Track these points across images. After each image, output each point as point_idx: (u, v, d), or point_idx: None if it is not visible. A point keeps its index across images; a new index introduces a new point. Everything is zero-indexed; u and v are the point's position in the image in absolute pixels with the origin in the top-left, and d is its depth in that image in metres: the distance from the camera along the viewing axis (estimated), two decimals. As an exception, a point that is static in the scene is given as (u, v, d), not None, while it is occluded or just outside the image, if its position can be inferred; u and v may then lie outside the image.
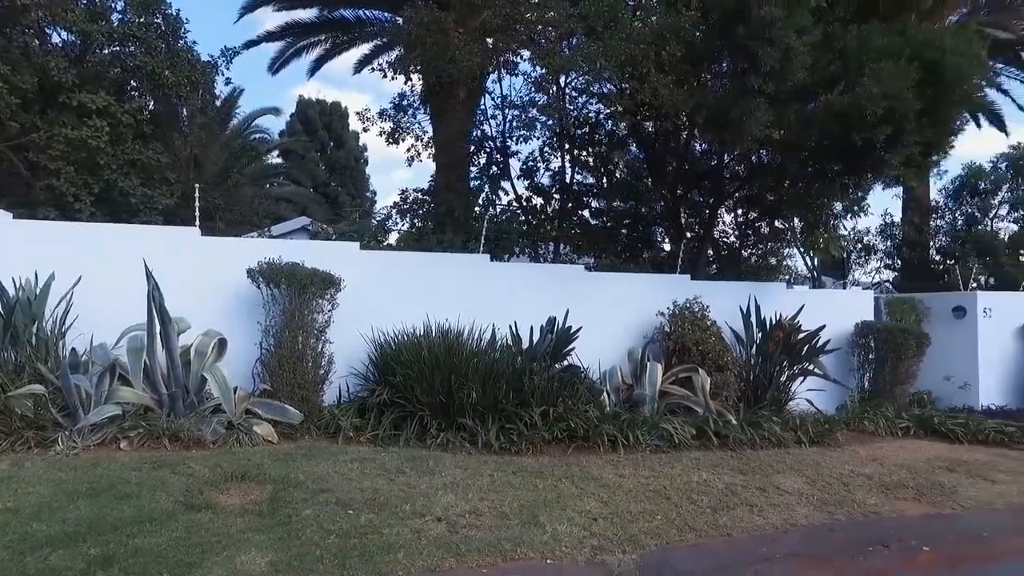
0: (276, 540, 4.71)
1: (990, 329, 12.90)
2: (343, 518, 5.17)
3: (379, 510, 5.41)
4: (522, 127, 10.61)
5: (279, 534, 4.81)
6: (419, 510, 5.44)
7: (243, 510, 5.19)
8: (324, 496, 5.56)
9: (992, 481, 7.90)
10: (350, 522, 5.11)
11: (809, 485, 7.00)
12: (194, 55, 10.17)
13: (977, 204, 17.44)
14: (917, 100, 8.29)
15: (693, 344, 9.23)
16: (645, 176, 13.17)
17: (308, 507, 5.30)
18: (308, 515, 5.14)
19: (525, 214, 12.58)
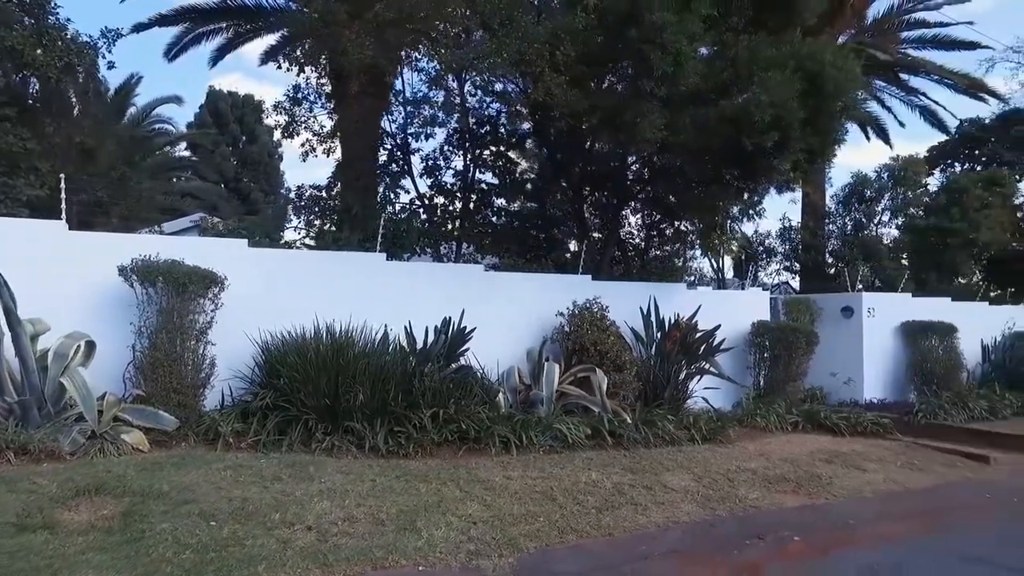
0: (121, 559, 4.33)
1: (874, 327, 13.67)
2: (204, 530, 4.84)
3: (246, 520, 5.09)
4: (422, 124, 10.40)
5: (126, 552, 4.43)
6: (290, 519, 5.16)
7: (90, 527, 4.76)
8: (187, 508, 5.19)
9: (864, 470, 8.34)
10: (211, 534, 4.78)
11: (696, 482, 7.14)
12: (68, 34, 9.40)
13: (863, 211, 18.59)
14: (801, 109, 8.67)
15: (591, 344, 9.30)
16: (549, 176, 13.22)
17: (166, 520, 4.92)
18: (164, 529, 4.77)
19: (427, 213, 12.38)
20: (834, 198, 19.25)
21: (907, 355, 13.75)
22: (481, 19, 8.15)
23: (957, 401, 12.63)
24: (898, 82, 20.85)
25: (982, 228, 17.20)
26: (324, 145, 11.63)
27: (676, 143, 9.37)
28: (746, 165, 9.09)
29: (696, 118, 9.20)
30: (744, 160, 8.96)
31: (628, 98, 8.47)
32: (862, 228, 18.45)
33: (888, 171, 18.97)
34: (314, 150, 11.70)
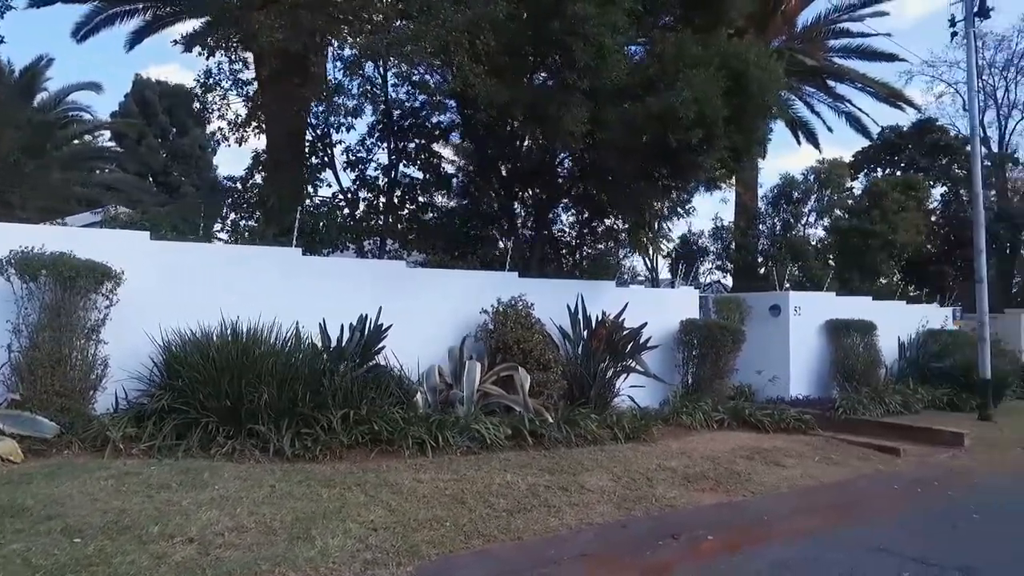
0: (-44, 585, 3.86)
1: (800, 326, 13.96)
2: (65, 548, 4.38)
3: (118, 535, 4.65)
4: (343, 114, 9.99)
5: (-39, 578, 3.95)
6: (170, 531, 4.75)
7: (-73, 551, 4.24)
8: (50, 524, 4.70)
9: (783, 466, 8.41)
10: (72, 553, 4.33)
11: (614, 482, 7.02)
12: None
13: (791, 211, 19.10)
14: (725, 107, 8.70)
15: (515, 342, 9.10)
16: (478, 172, 12.97)
17: (20, 539, 4.43)
18: (16, 550, 4.29)
19: (349, 207, 11.92)
20: (764, 199, 19.75)
21: (831, 352, 14.10)
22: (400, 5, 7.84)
23: (874, 396, 13.04)
24: (826, 89, 21.55)
25: (899, 230, 17.90)
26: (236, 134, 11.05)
27: (604, 139, 9.28)
28: (673, 162, 9.07)
29: (623, 114, 9.13)
30: (670, 157, 8.93)
31: (551, 91, 8.32)
32: (790, 228, 18.95)
33: (814, 173, 19.56)
34: (226, 139, 11.15)
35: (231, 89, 10.35)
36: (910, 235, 18.17)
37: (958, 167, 22.06)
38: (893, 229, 17.70)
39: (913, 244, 18.72)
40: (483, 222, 12.97)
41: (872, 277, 18.64)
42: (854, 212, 19.09)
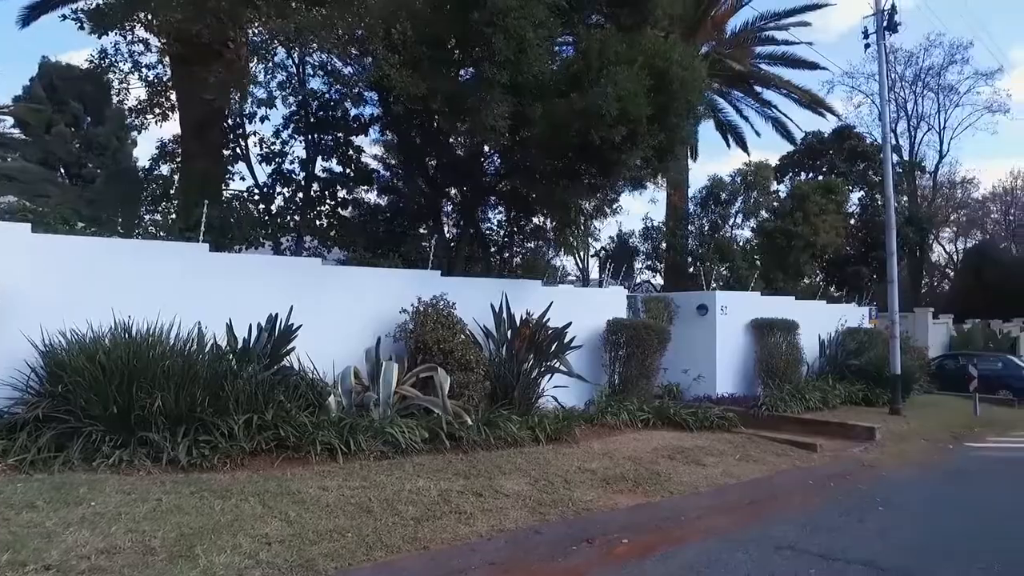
0: None
1: (726, 325, 14.18)
2: None
3: (-42, 565, 4.14)
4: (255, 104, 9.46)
5: None
6: (24, 558, 4.26)
7: None
8: None
9: (703, 465, 8.44)
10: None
11: (531, 486, 6.84)
12: None
13: (719, 212, 19.54)
14: (649, 105, 8.67)
15: (434, 343, 8.82)
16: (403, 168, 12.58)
17: None
18: None
19: (264, 202, 11.34)
20: (693, 200, 20.10)
21: (756, 351, 14.38)
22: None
23: (796, 393, 13.39)
24: (754, 94, 22.14)
25: (820, 232, 18.53)
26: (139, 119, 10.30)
27: (528, 136, 9.10)
28: (597, 160, 8.99)
29: (548, 111, 8.97)
30: (595, 155, 8.84)
31: (471, 84, 8.07)
32: (718, 229, 19.37)
33: (741, 176, 20.06)
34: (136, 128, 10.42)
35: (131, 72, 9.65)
36: (830, 237, 18.85)
37: (874, 173, 23.08)
38: (814, 231, 18.31)
39: (833, 245, 19.43)
40: (408, 219, 12.60)
41: (796, 277, 19.23)
42: (778, 214, 19.67)
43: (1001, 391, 18.56)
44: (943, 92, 34.00)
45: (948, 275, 40.84)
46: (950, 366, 20.01)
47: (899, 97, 34.19)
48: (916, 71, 33.64)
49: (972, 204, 39.66)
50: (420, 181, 12.13)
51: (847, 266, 21.95)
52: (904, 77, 33.95)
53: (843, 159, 23.09)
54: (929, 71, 33.59)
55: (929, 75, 33.66)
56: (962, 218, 39.37)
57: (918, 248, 28.59)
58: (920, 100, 34.19)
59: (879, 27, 14.39)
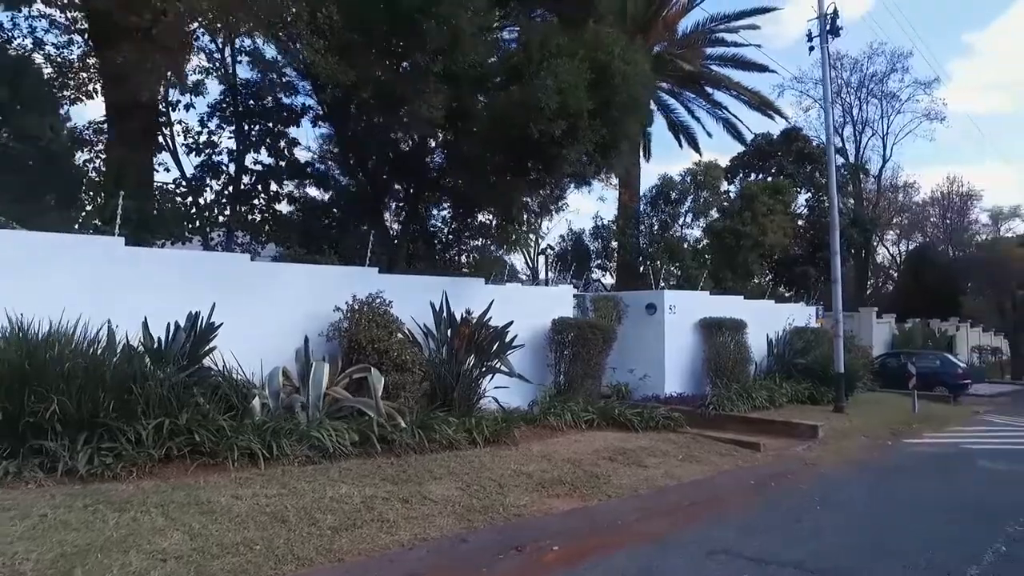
0: None
1: (675, 324, 14.12)
2: None
3: None
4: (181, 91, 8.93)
5: None
6: None
7: None
8: None
9: (645, 466, 8.28)
10: None
11: (462, 491, 6.55)
12: None
13: (669, 212, 19.61)
14: (590, 99, 8.48)
15: (368, 342, 8.47)
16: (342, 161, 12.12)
17: None
18: None
19: (191, 195, 10.76)
20: (644, 198, 20.12)
21: (704, 350, 14.34)
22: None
23: (743, 392, 13.40)
24: (705, 95, 22.32)
25: (768, 231, 18.74)
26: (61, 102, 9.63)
27: (468, 129, 8.81)
28: (538, 154, 8.76)
29: (488, 104, 8.71)
30: (536, 149, 8.60)
31: (404, 73, 7.74)
32: (668, 228, 19.42)
33: (691, 175, 20.16)
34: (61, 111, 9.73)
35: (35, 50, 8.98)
36: (777, 237, 19.08)
37: (820, 175, 23.53)
38: (762, 230, 18.50)
39: (780, 245, 19.69)
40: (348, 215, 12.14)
41: (745, 277, 19.42)
42: (728, 213, 19.83)
43: (938, 388, 19.11)
44: (886, 99, 35.12)
45: (892, 276, 42.13)
46: (892, 364, 20.49)
47: (845, 103, 35.17)
48: (860, 78, 34.65)
49: (914, 208, 41.02)
50: (361, 176, 11.69)
51: (795, 266, 22.31)
52: (850, 83, 34.94)
53: (791, 161, 23.51)
54: (872, 78, 34.64)
55: (873, 82, 34.73)
56: (904, 221, 40.66)
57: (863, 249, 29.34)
58: (865, 106, 35.26)
59: (822, 31, 14.60)
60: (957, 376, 20.17)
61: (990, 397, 21.15)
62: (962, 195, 41.41)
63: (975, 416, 16.37)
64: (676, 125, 23.62)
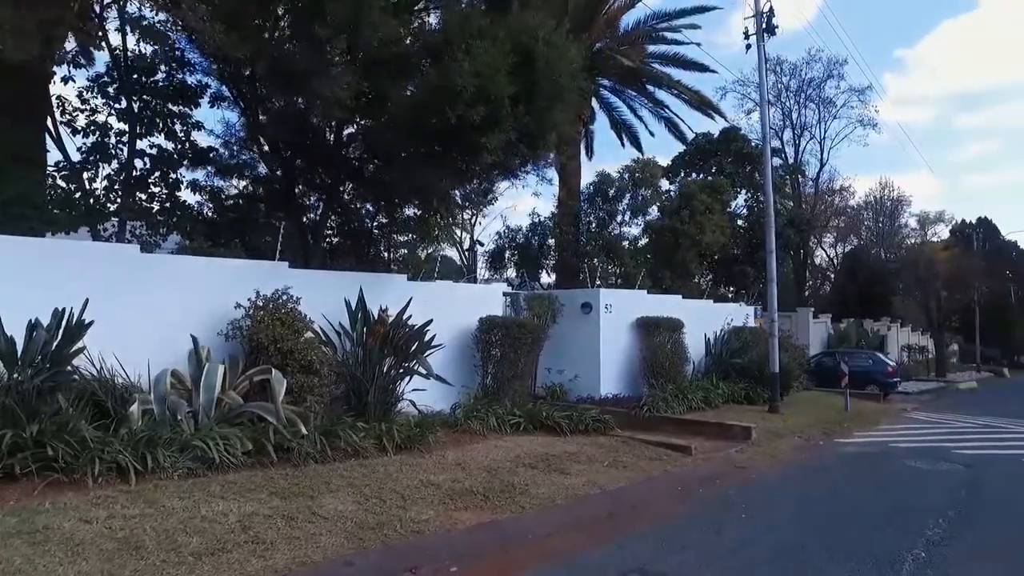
0: None
1: (611, 323, 13.79)
2: None
3: None
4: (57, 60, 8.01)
5: None
6: None
7: None
8: None
9: (567, 474, 7.83)
10: None
11: (359, 505, 5.96)
12: None
13: (606, 209, 19.36)
14: (511, 84, 7.99)
15: (270, 342, 7.79)
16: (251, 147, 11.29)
17: None
18: None
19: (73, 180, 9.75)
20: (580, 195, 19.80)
21: (641, 350, 14.06)
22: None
23: (679, 393, 13.16)
24: (647, 94, 22.18)
25: (706, 230, 18.69)
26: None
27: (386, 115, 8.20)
28: (457, 142, 8.21)
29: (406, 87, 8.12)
30: (454, 136, 8.06)
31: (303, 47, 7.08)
32: (605, 226, 19.15)
33: (628, 172, 19.97)
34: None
35: None
36: (715, 236, 19.06)
37: (760, 175, 23.73)
38: (700, 229, 18.42)
39: (718, 244, 19.69)
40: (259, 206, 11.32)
41: (683, 276, 19.33)
42: (666, 212, 19.71)
43: (869, 386, 19.43)
44: (823, 104, 35.95)
45: (830, 278, 43.26)
46: (828, 363, 20.75)
47: (785, 107, 35.90)
48: (799, 83, 35.37)
49: (849, 212, 42.23)
50: (275, 165, 10.87)
51: (734, 266, 22.42)
52: (789, 88, 35.61)
53: (730, 160, 23.64)
54: (811, 83, 35.42)
55: (811, 87, 35.49)
56: (841, 224, 41.80)
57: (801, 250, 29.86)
58: (803, 110, 36.03)
59: (758, 29, 14.58)
60: (887, 375, 20.58)
61: (916, 395, 21.69)
62: (893, 200, 42.92)
63: (902, 414, 16.64)
64: (619, 124, 23.45)
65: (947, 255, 36.53)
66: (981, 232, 50.36)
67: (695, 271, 20.00)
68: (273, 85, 8.24)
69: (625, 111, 22.94)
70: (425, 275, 11.54)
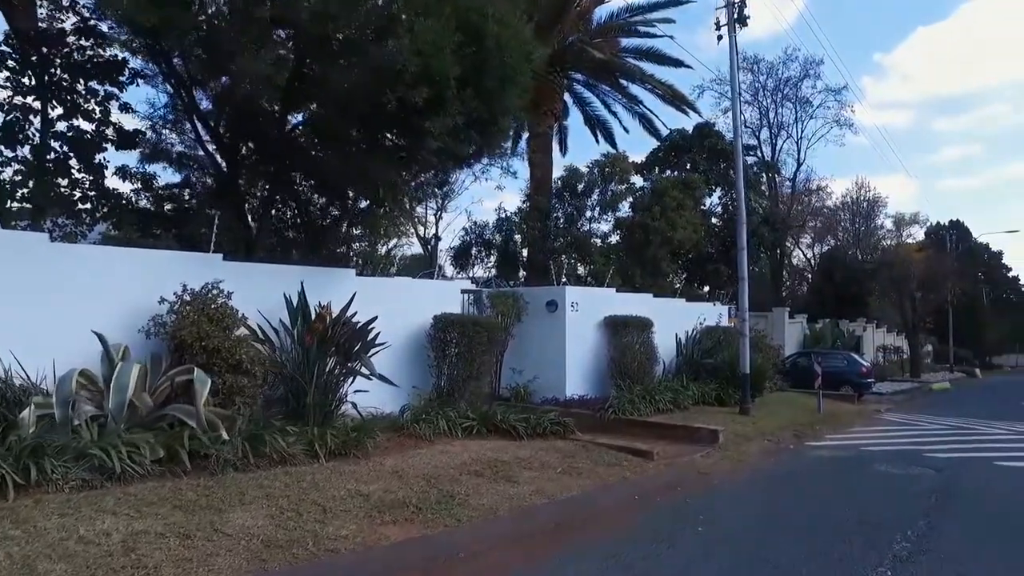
0: None
1: (578, 322, 13.27)
2: None
3: None
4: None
5: None
6: None
7: None
8: None
9: (515, 482, 7.28)
10: None
11: (271, 519, 5.36)
12: None
13: (575, 205, 18.84)
14: (457, 64, 7.43)
15: (195, 339, 7.16)
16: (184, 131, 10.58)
17: None
18: None
19: None
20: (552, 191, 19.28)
21: (609, 350, 13.59)
22: None
23: (646, 395, 12.66)
24: (620, 89, 21.73)
25: (678, 227, 18.24)
26: None
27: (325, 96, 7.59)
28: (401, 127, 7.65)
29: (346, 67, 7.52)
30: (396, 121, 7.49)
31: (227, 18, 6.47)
32: (574, 222, 18.62)
33: (598, 166, 19.46)
34: None
35: None
36: (687, 233, 18.62)
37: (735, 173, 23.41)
38: (671, 226, 17.97)
39: (690, 242, 19.26)
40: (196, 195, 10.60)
41: (655, 274, 18.87)
42: (637, 208, 19.24)
43: (844, 387, 19.15)
44: (800, 104, 35.80)
45: (807, 278, 43.23)
46: (803, 363, 20.43)
47: (762, 105, 35.68)
48: (776, 82, 35.20)
49: (826, 212, 42.22)
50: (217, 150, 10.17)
51: (708, 265, 22.04)
52: (766, 87, 35.43)
53: (704, 157, 23.26)
54: (787, 82, 35.24)
55: (787, 86, 35.32)
56: (818, 224, 41.77)
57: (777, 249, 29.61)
58: (780, 109, 35.85)
59: (730, 19, 14.17)
60: (862, 375, 20.33)
61: (891, 395, 21.48)
62: (869, 200, 42.99)
63: (876, 415, 16.33)
64: (593, 119, 23.00)
65: (922, 256, 36.60)
66: (954, 234, 50.80)
67: (667, 269, 19.55)
68: (198, 61, 7.56)
69: (599, 106, 22.53)
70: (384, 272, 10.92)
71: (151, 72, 9.71)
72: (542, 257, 16.16)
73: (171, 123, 10.23)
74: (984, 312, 51.40)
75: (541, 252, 16.48)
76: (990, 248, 59.41)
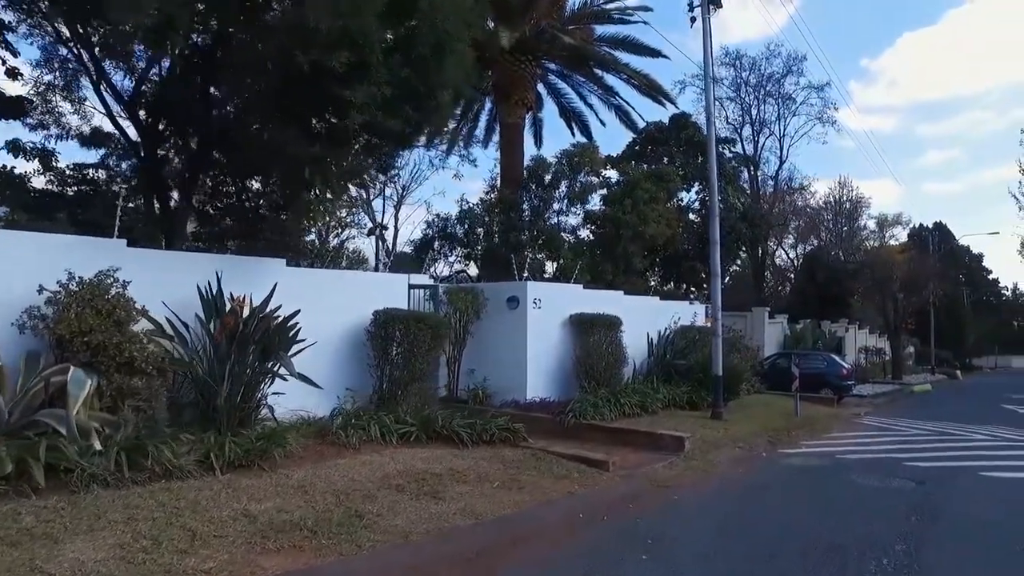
0: None
1: (541, 320, 12.47)
2: None
3: None
4: None
5: None
6: None
7: None
8: None
9: (440, 499, 6.42)
10: None
11: (120, 549, 4.45)
12: None
13: (541, 196, 17.98)
14: (385, 26, 6.57)
15: (74, 334, 6.25)
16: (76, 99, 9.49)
17: None
18: None
19: None
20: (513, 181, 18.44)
21: (575, 350, 12.79)
22: None
23: (611, 398, 11.85)
24: (596, 79, 20.95)
25: (650, 221, 17.43)
26: None
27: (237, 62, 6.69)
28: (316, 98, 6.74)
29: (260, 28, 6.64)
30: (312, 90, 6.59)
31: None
32: (540, 214, 17.75)
33: (566, 156, 18.61)
34: None
35: None
36: (659, 227, 17.82)
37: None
38: (643, 220, 17.16)
39: (663, 236, 18.47)
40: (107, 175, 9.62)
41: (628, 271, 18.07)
42: (608, 201, 18.42)
43: (823, 389, 18.50)
44: (783, 101, 35.23)
45: (790, 278, 42.72)
46: (782, 365, 19.73)
47: (744, 102, 35.08)
48: (759, 78, 34.61)
49: (809, 212, 41.73)
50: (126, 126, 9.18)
51: (684, 262, 21.30)
52: (748, 83, 34.82)
53: (682, 150, 22.52)
54: (770, 79, 34.65)
55: (770, 83, 34.74)
56: (801, 224, 41.26)
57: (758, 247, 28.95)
58: (763, 106, 35.27)
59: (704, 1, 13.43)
60: (842, 377, 19.68)
61: (871, 398, 20.84)
62: (852, 200, 42.53)
63: (855, 419, 15.64)
64: (568, 111, 22.23)
65: (904, 257, 36.21)
66: (937, 236, 50.64)
67: (640, 265, 18.74)
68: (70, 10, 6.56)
69: (574, 98, 21.76)
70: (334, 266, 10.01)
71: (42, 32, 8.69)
72: (504, 251, 15.27)
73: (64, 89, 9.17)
74: (965, 314, 51.30)
75: (504, 245, 15.58)
76: (971, 250, 59.50)
